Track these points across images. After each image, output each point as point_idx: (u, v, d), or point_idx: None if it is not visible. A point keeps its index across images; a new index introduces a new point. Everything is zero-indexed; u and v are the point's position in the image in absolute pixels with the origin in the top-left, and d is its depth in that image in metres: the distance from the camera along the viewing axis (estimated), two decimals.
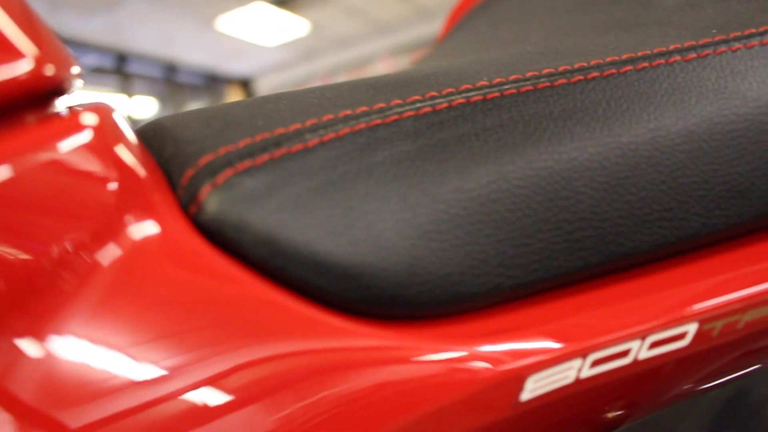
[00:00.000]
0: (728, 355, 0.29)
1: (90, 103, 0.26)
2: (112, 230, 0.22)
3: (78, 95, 0.26)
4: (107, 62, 4.92)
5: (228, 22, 4.76)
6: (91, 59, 4.75)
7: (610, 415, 0.32)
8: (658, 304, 0.26)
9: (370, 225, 0.24)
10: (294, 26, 5.01)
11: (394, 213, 0.24)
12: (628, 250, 0.26)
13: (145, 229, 0.23)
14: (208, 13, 4.51)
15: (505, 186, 0.25)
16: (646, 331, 0.26)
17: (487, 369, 0.24)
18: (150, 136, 0.27)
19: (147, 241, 0.23)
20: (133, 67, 5.13)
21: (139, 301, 0.22)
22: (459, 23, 0.62)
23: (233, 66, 5.81)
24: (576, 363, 0.25)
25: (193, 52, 5.28)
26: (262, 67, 5.94)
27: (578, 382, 0.25)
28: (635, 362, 0.26)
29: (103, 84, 5.04)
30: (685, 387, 0.33)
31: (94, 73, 4.87)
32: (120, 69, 5.02)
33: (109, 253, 0.22)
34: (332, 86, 0.30)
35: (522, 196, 0.25)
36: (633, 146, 0.27)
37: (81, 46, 4.55)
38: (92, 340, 0.21)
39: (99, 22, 4.28)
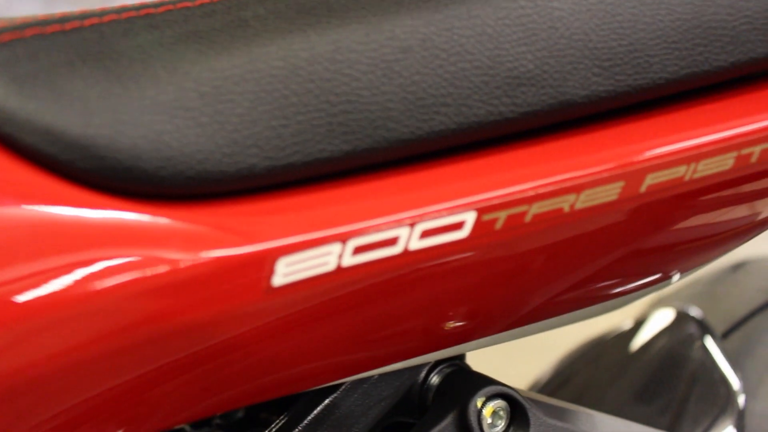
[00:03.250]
0: (522, 255, 0.28)
1: None
2: None
3: None
4: None
5: None
6: None
7: (448, 326, 0.31)
8: (430, 191, 0.25)
9: (109, 97, 0.23)
10: None
11: (140, 90, 0.24)
12: (402, 136, 0.25)
13: None
14: None
15: (261, 66, 0.24)
16: (414, 218, 0.25)
17: (231, 249, 0.23)
18: None
19: None
20: None
21: None
22: None
23: None
24: (334, 248, 0.24)
25: None
26: None
27: (341, 270, 0.25)
28: (407, 252, 0.25)
29: None
30: (507, 304, 0.32)
31: None
32: None
33: None
34: None
35: (279, 77, 0.24)
36: (407, 28, 0.26)
37: None
38: None
39: None
